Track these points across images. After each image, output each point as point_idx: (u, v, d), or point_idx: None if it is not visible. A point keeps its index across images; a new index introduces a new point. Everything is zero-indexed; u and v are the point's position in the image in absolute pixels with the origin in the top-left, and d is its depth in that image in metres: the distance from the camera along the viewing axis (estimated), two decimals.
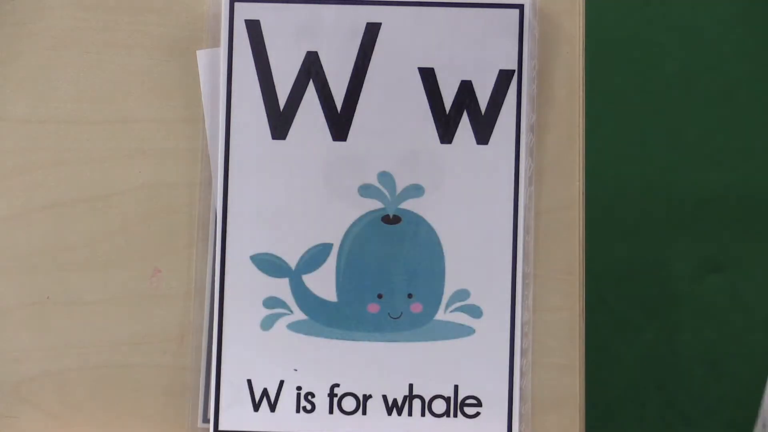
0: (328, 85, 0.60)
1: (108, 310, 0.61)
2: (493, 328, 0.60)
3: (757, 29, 1.27)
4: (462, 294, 0.60)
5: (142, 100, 0.61)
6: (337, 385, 0.60)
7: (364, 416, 0.60)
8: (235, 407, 0.59)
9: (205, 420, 0.60)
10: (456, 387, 0.60)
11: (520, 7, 0.60)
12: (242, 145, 0.60)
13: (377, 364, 0.60)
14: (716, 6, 1.27)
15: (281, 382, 0.60)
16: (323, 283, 0.60)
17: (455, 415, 0.60)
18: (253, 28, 0.60)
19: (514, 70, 0.60)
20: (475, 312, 0.60)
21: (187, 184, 0.61)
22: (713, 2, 1.28)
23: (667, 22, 1.27)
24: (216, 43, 0.61)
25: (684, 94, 1.25)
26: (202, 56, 0.61)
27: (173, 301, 0.61)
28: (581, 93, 0.62)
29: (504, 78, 0.60)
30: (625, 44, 1.26)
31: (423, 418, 0.60)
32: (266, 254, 0.60)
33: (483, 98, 0.60)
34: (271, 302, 0.60)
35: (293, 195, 0.60)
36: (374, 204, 0.60)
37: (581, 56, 0.62)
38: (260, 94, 0.60)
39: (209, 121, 0.61)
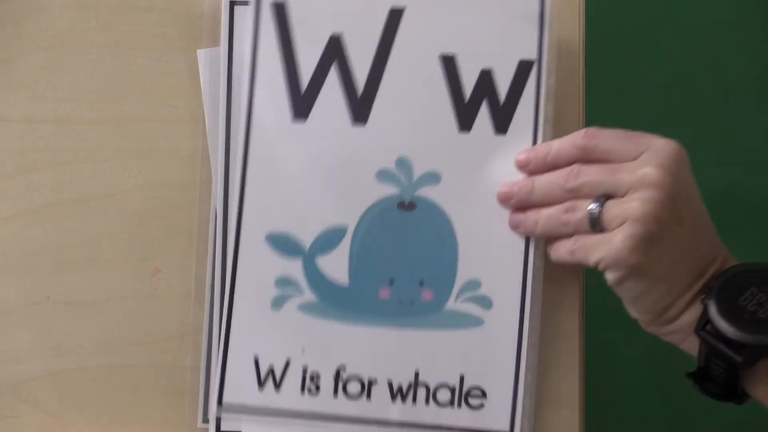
0: (350, 69, 0.60)
1: (108, 310, 0.61)
2: (502, 320, 0.60)
3: (757, 29, 1.27)
4: (473, 284, 0.60)
5: (142, 100, 0.61)
6: (343, 368, 0.60)
7: (368, 401, 0.60)
8: (240, 381, 0.59)
9: (205, 420, 0.60)
10: (462, 377, 0.60)
11: None
12: (263, 124, 0.60)
13: (385, 350, 0.60)
14: (716, 6, 1.27)
15: (288, 361, 0.59)
16: (336, 265, 0.60)
17: (459, 406, 0.60)
18: (280, 11, 0.60)
19: (533, 61, 0.60)
20: (485, 303, 0.60)
21: (187, 184, 0.61)
22: (713, 2, 1.28)
23: (667, 21, 1.27)
24: (216, 42, 0.61)
25: (684, 94, 1.25)
26: (202, 55, 0.61)
27: (173, 301, 0.61)
28: (581, 93, 0.62)
29: (524, 68, 0.60)
30: (625, 44, 1.26)
31: (427, 406, 0.60)
32: (281, 233, 0.60)
33: (502, 88, 0.60)
34: (283, 282, 0.60)
35: (311, 176, 0.60)
36: (391, 189, 0.60)
37: (581, 56, 0.62)
38: (283, 75, 0.60)
39: (209, 120, 0.61)
